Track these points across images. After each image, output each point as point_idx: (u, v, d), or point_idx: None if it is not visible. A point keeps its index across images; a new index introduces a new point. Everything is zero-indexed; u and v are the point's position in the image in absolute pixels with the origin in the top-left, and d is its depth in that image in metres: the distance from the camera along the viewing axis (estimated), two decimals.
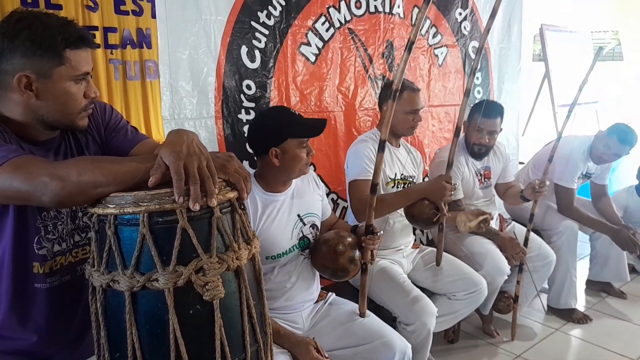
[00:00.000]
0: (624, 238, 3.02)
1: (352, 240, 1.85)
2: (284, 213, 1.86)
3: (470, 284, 2.38)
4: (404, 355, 1.88)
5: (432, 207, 2.15)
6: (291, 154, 1.78)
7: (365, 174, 2.23)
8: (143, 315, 0.99)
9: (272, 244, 1.81)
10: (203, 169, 0.99)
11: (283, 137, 1.77)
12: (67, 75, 1.14)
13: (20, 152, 1.05)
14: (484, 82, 3.49)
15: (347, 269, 1.83)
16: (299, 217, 1.90)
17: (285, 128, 1.78)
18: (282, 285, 1.88)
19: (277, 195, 1.87)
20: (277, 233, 1.83)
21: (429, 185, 2.23)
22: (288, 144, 1.77)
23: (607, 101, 5.93)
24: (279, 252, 1.85)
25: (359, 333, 1.90)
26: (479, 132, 2.69)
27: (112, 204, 0.98)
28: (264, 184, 1.85)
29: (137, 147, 1.35)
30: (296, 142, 1.78)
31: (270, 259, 1.83)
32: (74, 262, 1.30)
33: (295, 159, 1.79)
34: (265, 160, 1.81)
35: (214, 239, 1.00)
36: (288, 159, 1.79)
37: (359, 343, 1.87)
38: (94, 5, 3.13)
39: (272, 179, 1.86)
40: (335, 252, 1.81)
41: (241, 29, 2.29)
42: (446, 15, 3.17)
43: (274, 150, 1.77)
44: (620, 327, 3.07)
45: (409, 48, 1.73)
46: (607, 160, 3.12)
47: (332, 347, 1.90)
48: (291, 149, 1.78)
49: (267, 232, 1.81)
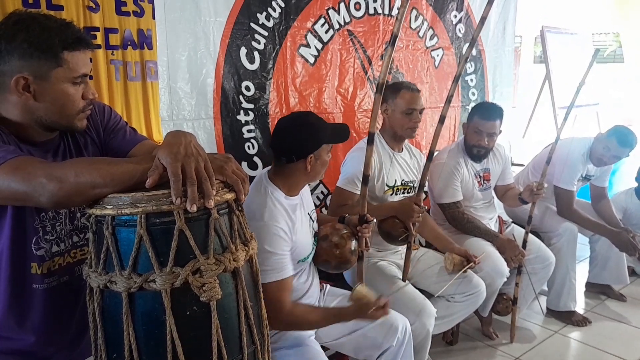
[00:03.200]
0: (623, 240, 3.02)
1: (348, 232, 1.90)
2: (302, 215, 1.85)
3: (469, 285, 2.38)
4: (404, 327, 1.95)
5: (402, 225, 2.19)
6: (322, 160, 1.78)
7: (352, 187, 2.26)
8: (140, 316, 0.99)
9: (302, 247, 1.79)
10: (200, 171, 0.99)
11: (319, 143, 1.76)
12: (65, 77, 1.14)
13: (19, 153, 1.05)
14: (479, 85, 3.50)
15: (350, 260, 1.89)
16: (309, 216, 1.91)
17: (321, 134, 1.77)
18: (304, 284, 1.90)
19: (295, 199, 1.83)
20: (303, 235, 1.81)
21: (400, 204, 2.25)
22: (322, 150, 1.77)
23: (608, 103, 5.93)
24: (307, 253, 1.85)
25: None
26: (478, 134, 2.69)
27: (109, 204, 0.98)
28: (286, 189, 1.77)
29: (135, 148, 1.35)
30: (327, 148, 1.79)
31: (301, 262, 1.82)
32: (72, 262, 1.30)
33: (324, 164, 1.81)
34: (297, 166, 1.75)
35: (211, 240, 1.01)
36: (319, 165, 1.78)
37: (362, 324, 1.90)
38: (95, 6, 3.13)
39: (295, 184, 1.81)
40: (337, 246, 1.85)
41: (240, 30, 2.29)
42: (442, 18, 3.18)
43: (311, 157, 1.74)
44: (620, 330, 3.06)
45: (392, 42, 1.73)
46: (607, 163, 3.12)
47: (334, 336, 1.93)
48: (323, 155, 1.78)
49: (297, 236, 1.77)
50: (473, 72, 3.45)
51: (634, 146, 3.01)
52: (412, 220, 2.17)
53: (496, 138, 2.74)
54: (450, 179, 2.71)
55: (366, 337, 1.91)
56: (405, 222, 2.18)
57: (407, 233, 2.19)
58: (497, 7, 3.46)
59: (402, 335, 1.94)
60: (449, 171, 2.72)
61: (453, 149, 2.82)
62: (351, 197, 2.24)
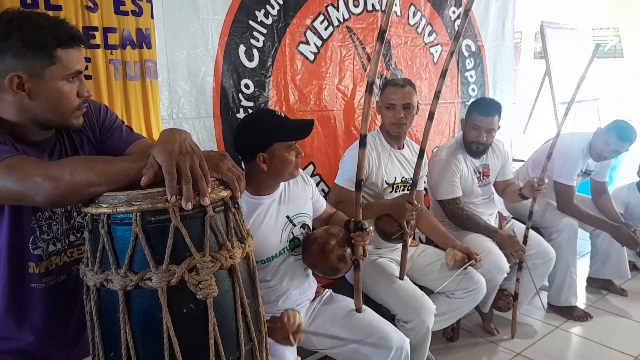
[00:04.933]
0: (624, 235, 3.02)
1: (342, 237, 1.82)
2: (272, 216, 1.83)
3: (469, 282, 2.38)
4: (401, 349, 1.87)
5: (396, 224, 2.18)
6: (279, 158, 1.75)
7: (349, 184, 2.25)
8: (137, 314, 0.99)
9: (261, 248, 1.75)
10: (196, 168, 0.99)
11: (269, 142, 1.74)
12: (59, 75, 1.14)
13: (14, 153, 1.05)
14: (479, 81, 3.49)
15: (337, 268, 1.81)
16: (288, 219, 1.88)
17: (271, 133, 1.74)
18: (277, 288, 1.86)
19: (263, 199, 1.82)
20: (265, 237, 1.79)
21: (392, 203, 2.23)
22: (275, 148, 1.74)
23: (609, 98, 5.91)
24: (268, 256, 1.82)
25: (356, 328, 1.90)
26: (477, 130, 2.68)
27: (105, 203, 0.98)
28: (250, 187, 1.79)
29: (131, 146, 1.35)
30: (284, 145, 1.75)
31: (260, 263, 1.79)
32: (69, 262, 1.31)
33: (284, 162, 1.76)
34: (253, 165, 1.77)
35: (207, 237, 1.01)
36: (276, 163, 1.75)
37: (356, 338, 1.87)
38: (94, 6, 3.12)
39: (260, 183, 1.81)
40: (323, 251, 1.79)
41: (239, 28, 2.29)
42: (440, 14, 3.17)
43: (261, 155, 1.74)
44: (621, 325, 3.06)
45: (381, 37, 1.67)
46: (607, 157, 3.11)
47: (330, 344, 1.90)
48: (279, 152, 1.75)
49: (255, 236, 1.73)
50: (473, 68, 3.44)
51: (633, 140, 3.01)
52: (406, 218, 2.15)
53: (495, 134, 2.73)
54: (450, 176, 2.71)
55: (358, 352, 1.87)
56: (398, 220, 2.17)
57: (401, 231, 2.17)
58: (496, 3, 3.46)
59: (397, 354, 1.87)
60: (448, 168, 2.71)
61: (452, 145, 2.81)
62: (348, 195, 2.23)
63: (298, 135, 1.80)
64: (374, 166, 2.37)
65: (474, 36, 3.39)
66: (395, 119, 2.36)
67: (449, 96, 3.32)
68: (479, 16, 3.38)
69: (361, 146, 1.80)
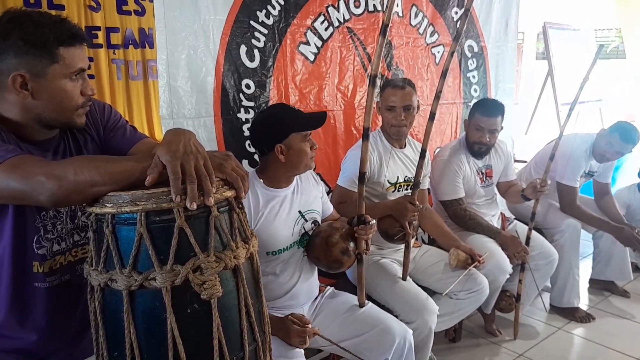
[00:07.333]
0: (627, 236, 3.01)
1: (345, 232, 1.85)
2: (285, 209, 1.87)
3: (472, 283, 2.37)
4: (404, 339, 1.90)
5: (398, 225, 2.18)
6: (296, 149, 1.80)
7: (351, 185, 2.26)
8: (141, 314, 0.99)
9: (273, 239, 1.82)
10: (200, 168, 0.99)
11: (287, 133, 1.79)
12: (62, 73, 1.14)
13: (18, 152, 1.05)
14: (481, 82, 3.49)
15: (341, 261, 1.84)
16: (300, 214, 1.91)
17: (288, 123, 1.80)
18: (286, 283, 1.89)
19: (279, 191, 1.88)
20: (278, 228, 1.83)
21: (394, 203, 2.24)
22: (292, 139, 1.79)
23: (611, 99, 5.91)
24: (280, 247, 1.85)
25: (358, 322, 1.92)
26: (480, 130, 2.67)
27: (109, 203, 0.98)
28: (266, 180, 1.86)
29: (135, 146, 1.35)
30: (299, 136, 1.80)
31: (270, 254, 1.83)
32: (73, 261, 1.31)
33: (301, 153, 1.81)
34: (271, 157, 1.82)
35: (212, 238, 1.00)
36: (293, 154, 1.80)
37: (359, 332, 1.89)
38: (97, 6, 3.14)
39: (276, 176, 1.87)
40: (327, 244, 1.82)
41: (240, 28, 2.29)
42: (442, 14, 3.17)
43: (279, 146, 1.78)
44: (624, 326, 3.05)
45: (383, 32, 1.72)
46: (610, 159, 3.11)
47: (333, 340, 1.90)
48: (295, 143, 1.80)
49: (269, 227, 1.81)
50: (475, 69, 3.43)
51: (636, 142, 3.00)
52: (408, 219, 2.15)
53: (497, 134, 2.73)
54: (452, 176, 2.71)
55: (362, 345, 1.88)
56: (400, 221, 2.17)
57: (403, 232, 2.17)
58: (499, 3, 3.45)
59: (400, 345, 1.89)
60: (450, 168, 2.71)
61: (455, 146, 2.81)
62: (350, 195, 2.23)
63: (312, 125, 1.86)
64: (375, 166, 2.37)
65: (476, 36, 3.38)
66: (395, 121, 2.36)
67: (451, 97, 3.32)
68: (481, 16, 3.37)
69: (364, 139, 1.85)
